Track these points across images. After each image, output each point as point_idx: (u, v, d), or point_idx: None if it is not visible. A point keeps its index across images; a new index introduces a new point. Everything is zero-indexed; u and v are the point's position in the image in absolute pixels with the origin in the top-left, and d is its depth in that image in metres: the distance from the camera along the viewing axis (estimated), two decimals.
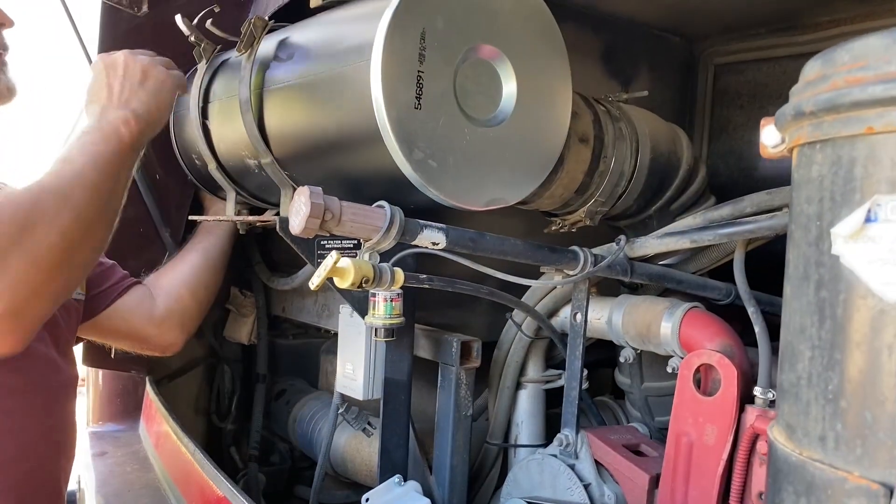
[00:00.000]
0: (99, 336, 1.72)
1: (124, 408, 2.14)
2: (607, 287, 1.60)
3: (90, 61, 1.89)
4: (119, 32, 1.92)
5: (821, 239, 0.65)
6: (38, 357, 1.29)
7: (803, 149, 0.69)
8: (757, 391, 1.20)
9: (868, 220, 0.60)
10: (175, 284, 1.84)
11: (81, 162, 1.13)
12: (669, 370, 1.39)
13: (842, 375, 0.63)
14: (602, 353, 1.74)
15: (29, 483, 1.28)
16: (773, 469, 0.72)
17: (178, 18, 1.60)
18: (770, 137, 0.77)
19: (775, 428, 0.73)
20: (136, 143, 1.26)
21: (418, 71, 1.16)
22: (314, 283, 1.13)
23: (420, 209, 1.32)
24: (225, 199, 1.84)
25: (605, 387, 1.99)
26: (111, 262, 1.75)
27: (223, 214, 1.90)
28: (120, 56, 1.38)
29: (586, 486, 1.39)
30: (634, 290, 1.64)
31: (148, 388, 2.01)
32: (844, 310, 0.63)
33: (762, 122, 0.78)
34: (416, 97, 1.16)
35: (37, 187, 1.04)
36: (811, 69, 0.68)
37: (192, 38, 1.62)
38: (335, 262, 1.12)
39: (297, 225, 1.11)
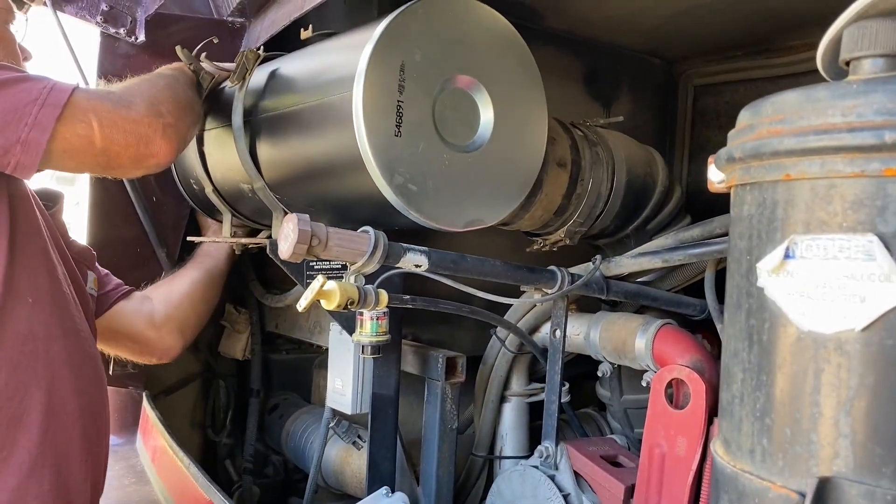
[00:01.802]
0: (102, 339, 1.78)
1: (122, 422, 2.19)
2: (587, 304, 1.67)
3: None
4: (117, 60, 1.99)
5: (750, 272, 0.72)
6: (80, 326, 1.42)
7: (737, 189, 0.76)
8: None
9: (787, 256, 0.67)
10: (175, 293, 1.92)
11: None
12: (644, 384, 1.45)
13: (767, 395, 0.70)
14: (587, 366, 1.79)
15: (89, 414, 1.40)
16: (713, 479, 0.79)
17: (179, 49, 1.66)
18: (715, 175, 0.83)
19: (716, 442, 0.80)
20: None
21: (398, 101, 1.23)
22: (302, 305, 1.19)
23: (406, 230, 1.39)
24: (221, 221, 1.91)
25: (591, 399, 2.04)
26: (105, 270, 1.82)
27: (219, 236, 1.97)
28: None
29: (565, 496, 1.44)
30: (613, 306, 1.70)
31: (145, 403, 2.06)
32: (769, 336, 0.70)
33: (709, 159, 0.85)
34: (396, 125, 1.23)
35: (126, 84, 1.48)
36: (743, 118, 0.75)
37: (191, 69, 1.68)
38: (321, 286, 1.17)
39: (285, 250, 1.17)
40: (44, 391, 1.30)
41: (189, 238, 2.05)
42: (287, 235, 1.17)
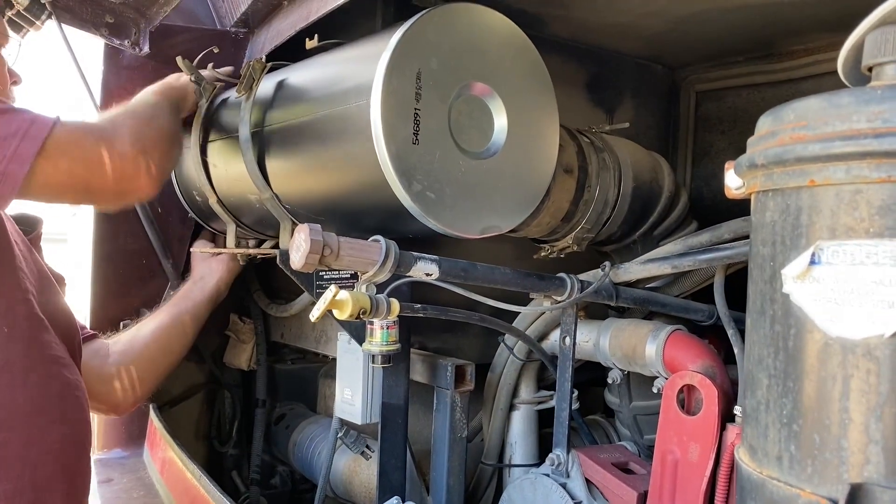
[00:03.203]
0: None
1: (128, 435, 2.17)
2: (595, 310, 1.66)
3: (94, 100, 1.96)
4: (121, 72, 1.99)
5: (774, 278, 0.72)
6: (60, 353, 1.39)
7: (758, 195, 0.76)
8: (737, 410, 1.25)
9: (812, 262, 0.67)
10: (136, 346, 1.82)
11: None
12: (655, 391, 1.45)
13: (794, 402, 0.69)
14: (594, 373, 1.79)
15: (71, 445, 1.36)
16: (738, 487, 0.79)
17: (179, 60, 1.66)
18: (733, 181, 0.84)
19: (741, 449, 0.80)
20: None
21: (415, 108, 1.23)
22: (314, 315, 1.19)
23: (414, 238, 1.39)
24: (223, 233, 1.90)
25: (597, 405, 2.04)
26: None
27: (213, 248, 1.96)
28: None
29: None
30: (621, 312, 1.70)
31: (152, 414, 2.05)
32: (795, 343, 0.70)
33: (726, 165, 0.86)
34: (414, 133, 1.23)
35: (117, 112, 1.47)
36: (763, 124, 0.76)
37: (193, 79, 1.68)
38: (334, 296, 1.17)
39: (297, 260, 1.16)
40: (22, 423, 1.26)
41: (192, 249, 2.05)
42: (299, 246, 1.16)
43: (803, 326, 0.69)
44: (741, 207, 1.53)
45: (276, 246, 1.75)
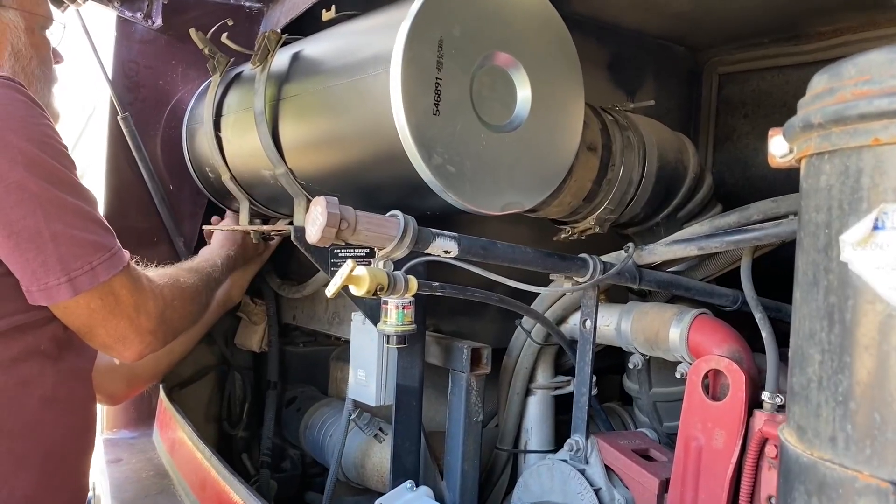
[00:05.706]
0: None
1: (138, 415, 2.16)
2: (616, 294, 1.62)
3: (105, 73, 1.93)
4: (133, 45, 1.96)
5: (829, 246, 0.67)
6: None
7: (812, 159, 0.71)
8: (765, 396, 1.21)
9: (875, 227, 0.63)
10: None
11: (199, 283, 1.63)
12: (678, 376, 1.41)
13: (851, 378, 0.65)
14: (610, 360, 1.75)
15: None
16: (784, 469, 0.74)
17: (193, 32, 1.63)
18: (778, 147, 0.79)
19: (786, 430, 0.75)
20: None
21: (436, 78, 1.18)
22: (330, 290, 1.15)
23: (432, 216, 1.35)
24: (236, 210, 1.86)
25: (613, 393, 2.01)
26: None
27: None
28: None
29: (597, 491, 1.40)
30: (643, 296, 1.65)
31: (161, 395, 2.03)
32: (853, 314, 0.65)
33: (770, 132, 0.81)
34: (435, 103, 1.19)
35: (176, 286, 1.51)
36: (818, 82, 0.71)
37: (206, 52, 1.65)
38: (351, 271, 1.13)
39: (313, 234, 1.13)
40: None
41: (204, 227, 2.01)
42: (315, 219, 1.13)
43: (863, 297, 0.64)
44: (763, 192, 1.49)
45: (291, 224, 1.71)
